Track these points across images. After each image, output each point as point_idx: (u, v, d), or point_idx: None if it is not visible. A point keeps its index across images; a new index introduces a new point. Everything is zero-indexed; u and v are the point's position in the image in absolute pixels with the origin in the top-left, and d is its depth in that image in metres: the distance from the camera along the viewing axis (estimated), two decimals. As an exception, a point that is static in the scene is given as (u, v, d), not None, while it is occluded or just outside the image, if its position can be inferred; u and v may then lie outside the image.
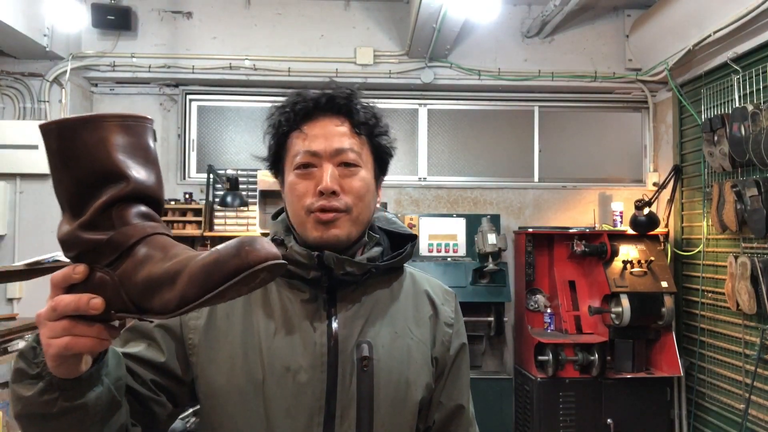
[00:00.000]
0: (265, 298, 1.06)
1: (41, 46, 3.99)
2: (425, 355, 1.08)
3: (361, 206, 1.04)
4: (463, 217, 4.54)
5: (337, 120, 1.06)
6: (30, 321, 3.16)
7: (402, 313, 1.09)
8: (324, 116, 1.06)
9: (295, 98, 1.07)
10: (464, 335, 1.17)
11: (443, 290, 1.19)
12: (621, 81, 4.64)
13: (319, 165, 1.03)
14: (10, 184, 4.19)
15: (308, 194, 1.02)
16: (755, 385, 3.45)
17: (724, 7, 3.49)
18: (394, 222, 1.21)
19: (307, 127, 1.05)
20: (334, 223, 1.01)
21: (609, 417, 3.93)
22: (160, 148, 4.68)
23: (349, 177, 1.03)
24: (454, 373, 1.13)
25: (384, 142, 1.11)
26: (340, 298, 1.05)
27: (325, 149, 1.03)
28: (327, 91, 1.07)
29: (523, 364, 4.28)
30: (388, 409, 1.01)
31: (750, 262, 3.38)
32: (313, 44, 4.54)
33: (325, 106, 1.06)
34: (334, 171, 1.02)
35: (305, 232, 1.03)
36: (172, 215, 4.44)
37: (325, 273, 1.02)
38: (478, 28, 4.51)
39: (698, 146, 4.05)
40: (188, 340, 1.03)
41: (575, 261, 4.37)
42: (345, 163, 1.03)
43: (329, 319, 1.03)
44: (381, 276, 1.10)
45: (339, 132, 1.05)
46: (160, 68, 4.45)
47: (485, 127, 4.88)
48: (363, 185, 1.05)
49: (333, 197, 1.01)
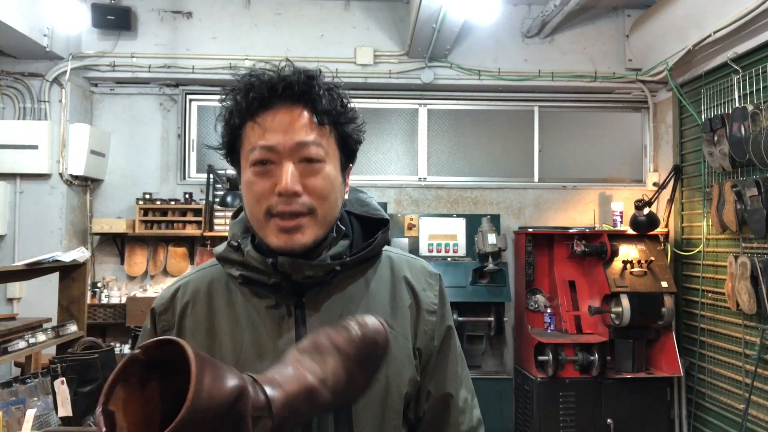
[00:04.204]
0: (230, 309, 0.99)
1: (41, 46, 3.99)
2: (406, 349, 1.00)
3: (327, 206, 0.94)
4: (463, 217, 4.54)
5: (297, 109, 0.93)
6: (30, 321, 3.16)
7: (379, 306, 1.00)
8: (282, 104, 0.92)
9: (249, 82, 0.93)
10: (450, 318, 1.07)
11: (425, 273, 1.07)
12: (621, 81, 4.64)
13: (277, 162, 0.92)
14: (10, 184, 4.19)
15: (266, 195, 0.92)
16: (755, 385, 3.45)
17: (724, 7, 3.49)
18: (366, 203, 1.09)
19: (263, 118, 0.92)
20: (297, 230, 0.92)
21: (609, 417, 3.94)
22: (159, 148, 4.69)
23: (312, 175, 0.93)
24: (441, 360, 1.05)
25: (351, 131, 0.98)
26: (308, 300, 0.97)
27: (284, 144, 0.91)
28: (284, 74, 0.93)
29: (523, 364, 4.28)
30: (367, 412, 0.94)
31: (750, 262, 3.38)
32: (313, 44, 4.55)
33: (283, 94, 0.92)
34: (295, 169, 0.91)
35: (266, 237, 0.94)
36: (172, 215, 4.44)
37: (284, 278, 0.94)
38: (478, 28, 4.52)
39: (698, 146, 4.05)
40: None
41: (575, 261, 4.37)
42: (307, 158, 0.92)
43: (296, 324, 0.96)
44: (352, 269, 1.00)
45: (299, 123, 0.92)
46: (160, 68, 4.45)
47: (485, 127, 4.89)
48: (327, 183, 0.94)
49: (294, 198, 0.91)
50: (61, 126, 4.26)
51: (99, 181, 4.60)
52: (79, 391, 1.76)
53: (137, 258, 4.59)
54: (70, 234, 4.32)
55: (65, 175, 4.25)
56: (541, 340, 4.01)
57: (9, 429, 1.71)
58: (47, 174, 4.23)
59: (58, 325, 2.85)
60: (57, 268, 2.95)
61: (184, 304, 1.01)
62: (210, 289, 1.02)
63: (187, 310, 1.01)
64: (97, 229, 4.43)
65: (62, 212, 4.24)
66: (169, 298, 1.03)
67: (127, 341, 4.07)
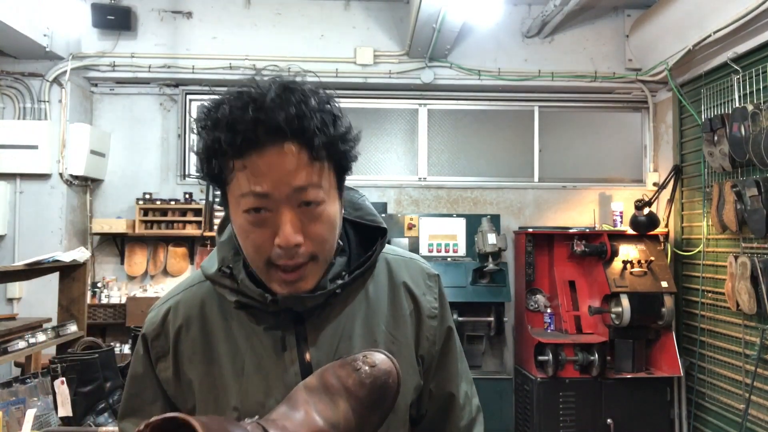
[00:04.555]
0: (227, 333, 0.94)
1: (41, 46, 3.99)
2: (409, 358, 0.98)
3: (328, 248, 0.89)
4: (463, 217, 4.54)
5: (291, 146, 0.81)
6: (30, 321, 3.16)
7: (379, 317, 0.97)
8: (272, 143, 0.81)
9: (231, 117, 0.81)
10: (449, 319, 1.05)
11: (424, 275, 1.04)
12: (621, 81, 4.64)
13: (274, 209, 0.83)
14: (10, 184, 4.19)
15: (266, 246, 0.85)
16: (755, 385, 3.45)
17: (724, 7, 3.49)
18: (360, 206, 1.02)
19: (250, 161, 0.81)
20: (302, 280, 0.88)
21: (609, 417, 3.94)
22: (160, 148, 4.69)
23: (313, 221, 0.86)
24: (442, 360, 1.04)
25: (347, 150, 0.89)
26: (309, 321, 0.93)
27: (281, 190, 0.82)
28: (269, 108, 0.80)
29: (523, 364, 4.28)
30: None
31: (750, 262, 3.38)
32: (313, 44, 4.55)
33: (272, 132, 0.80)
34: (294, 218, 0.84)
35: (269, 284, 0.89)
36: (172, 215, 4.44)
37: (284, 310, 0.91)
38: (478, 29, 4.52)
39: (698, 146, 4.05)
40: (169, 395, 0.97)
41: (575, 261, 4.37)
42: (306, 202, 0.84)
43: (298, 343, 0.92)
44: (351, 284, 0.96)
45: (294, 164, 0.82)
46: (160, 68, 4.46)
47: (485, 127, 4.89)
48: (329, 226, 0.88)
49: (296, 249, 0.84)
50: (61, 126, 4.26)
51: (99, 181, 4.60)
52: (79, 391, 1.76)
53: (137, 258, 4.59)
54: (70, 234, 4.32)
55: (65, 175, 4.25)
56: (541, 340, 4.01)
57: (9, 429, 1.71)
58: (47, 174, 4.23)
59: (58, 325, 2.85)
60: (57, 268, 2.95)
61: (177, 328, 0.96)
62: (203, 310, 0.97)
63: (180, 334, 0.96)
64: (97, 229, 4.43)
65: (62, 212, 4.24)
66: (159, 322, 0.97)
67: (127, 341, 4.07)
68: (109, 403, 1.83)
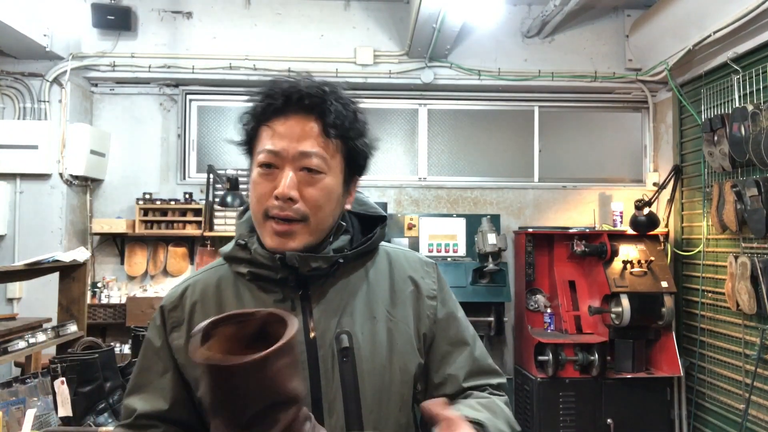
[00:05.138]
0: (239, 304, 1.04)
1: (41, 46, 3.99)
2: (407, 336, 1.07)
3: (320, 216, 1.01)
4: (463, 217, 4.54)
5: (308, 119, 0.99)
6: (30, 321, 3.16)
7: (379, 297, 1.07)
8: (295, 114, 0.99)
9: (270, 89, 1.01)
10: (451, 304, 1.13)
11: (422, 263, 1.15)
12: (621, 81, 4.64)
13: (280, 167, 0.99)
14: (10, 184, 4.19)
15: (266, 196, 0.99)
16: (755, 385, 3.45)
17: (724, 7, 3.49)
18: (364, 203, 1.16)
19: (275, 123, 1.00)
20: (289, 235, 0.99)
21: (609, 417, 3.94)
22: (160, 148, 4.69)
23: (311, 185, 0.99)
24: (447, 352, 1.10)
25: (359, 145, 1.04)
26: (313, 292, 1.04)
27: (288, 151, 0.98)
28: (300, 86, 1.00)
29: (523, 364, 4.28)
30: (374, 396, 1.02)
31: (750, 262, 3.38)
32: (313, 44, 4.54)
33: (297, 104, 0.99)
34: (294, 176, 0.98)
35: (262, 237, 1.02)
36: (172, 215, 4.44)
37: (291, 272, 1.01)
38: (478, 29, 4.52)
39: (698, 146, 4.05)
40: (179, 363, 1.04)
41: (575, 261, 4.37)
42: (308, 168, 0.99)
43: (304, 315, 1.02)
44: (353, 262, 1.07)
45: (306, 133, 0.99)
46: (160, 68, 4.45)
47: (485, 127, 4.89)
48: (324, 194, 1.00)
49: (289, 204, 0.97)
50: (61, 126, 4.26)
51: (99, 181, 4.60)
52: (79, 391, 1.76)
53: (137, 258, 4.59)
54: (70, 234, 4.32)
55: (65, 175, 4.25)
56: (541, 340, 4.01)
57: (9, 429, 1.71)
58: (47, 174, 4.23)
59: (58, 325, 2.85)
60: (57, 268, 2.95)
61: (193, 302, 1.07)
62: (218, 286, 1.07)
63: (196, 306, 1.06)
64: (97, 229, 4.43)
65: (62, 212, 4.24)
66: (178, 296, 1.09)
67: (127, 341, 4.07)
68: (109, 403, 1.83)
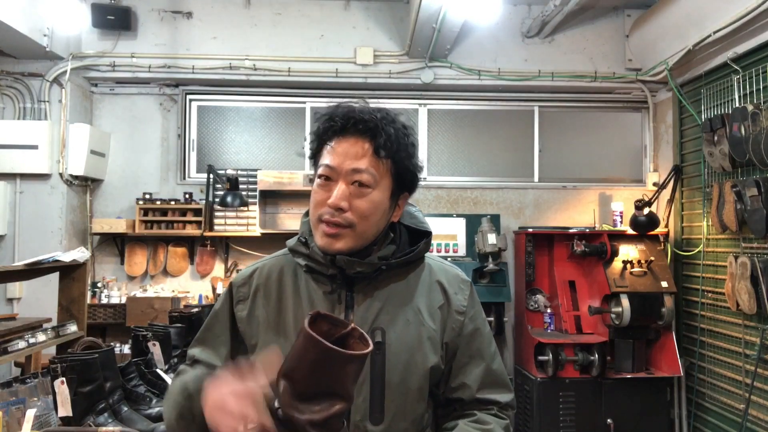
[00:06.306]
0: (295, 289, 1.22)
1: (41, 46, 3.99)
2: (435, 342, 1.20)
3: (366, 224, 1.15)
4: (463, 217, 4.54)
5: (362, 141, 1.15)
6: (30, 321, 3.16)
7: (416, 303, 1.21)
8: (351, 135, 1.15)
9: (334, 112, 1.17)
10: (479, 320, 1.26)
11: (459, 279, 1.28)
12: (621, 81, 4.64)
13: (335, 180, 1.14)
14: (10, 184, 4.19)
15: (321, 204, 1.15)
16: (755, 385, 3.45)
17: (724, 7, 3.49)
18: (414, 217, 1.32)
19: (336, 142, 1.16)
20: (336, 237, 1.14)
21: (609, 417, 3.93)
22: (160, 148, 4.69)
23: (359, 197, 1.14)
24: (469, 363, 1.23)
25: (407, 165, 1.20)
26: (357, 290, 1.19)
27: (342, 167, 1.14)
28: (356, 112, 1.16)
29: (523, 364, 4.28)
30: (397, 386, 1.16)
31: (750, 262, 3.38)
32: (313, 44, 4.54)
33: (353, 127, 1.15)
34: (346, 189, 1.13)
35: (315, 236, 1.18)
36: (172, 215, 4.44)
37: (340, 271, 1.17)
38: (478, 28, 4.51)
39: (698, 146, 4.05)
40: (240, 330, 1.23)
41: (575, 261, 4.37)
42: (359, 182, 1.14)
43: (347, 308, 1.18)
44: (396, 269, 1.21)
45: (360, 152, 1.14)
46: (160, 68, 4.45)
47: (485, 127, 4.89)
48: (370, 206, 1.15)
49: (339, 212, 1.13)
50: (61, 126, 4.26)
51: (99, 181, 4.60)
52: (79, 391, 1.76)
53: (137, 258, 4.59)
54: (70, 234, 4.32)
55: (65, 175, 4.25)
56: (541, 340, 4.01)
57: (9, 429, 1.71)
58: (47, 174, 4.23)
59: (58, 325, 2.86)
60: (57, 268, 2.95)
61: (258, 284, 1.25)
62: (281, 272, 1.25)
63: (260, 286, 1.25)
64: (97, 229, 4.43)
65: (62, 212, 4.24)
66: (248, 275, 1.27)
67: (127, 341, 4.07)
68: (109, 403, 1.83)
